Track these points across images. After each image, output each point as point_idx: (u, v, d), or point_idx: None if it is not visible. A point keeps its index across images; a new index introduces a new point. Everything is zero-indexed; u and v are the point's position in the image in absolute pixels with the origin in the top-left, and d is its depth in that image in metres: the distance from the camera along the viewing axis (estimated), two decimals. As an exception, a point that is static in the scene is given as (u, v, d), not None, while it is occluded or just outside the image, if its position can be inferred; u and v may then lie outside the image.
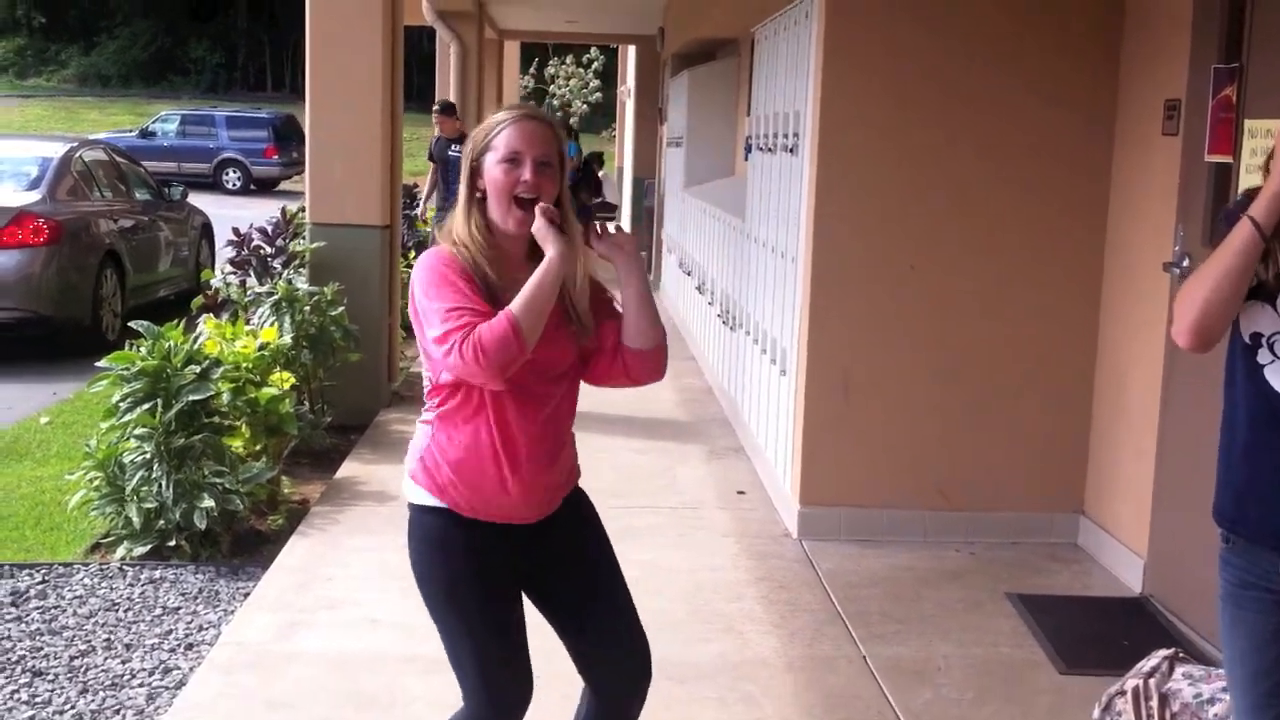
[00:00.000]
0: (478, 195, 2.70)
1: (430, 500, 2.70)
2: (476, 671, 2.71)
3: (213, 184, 26.78)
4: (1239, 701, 2.43)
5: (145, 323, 5.45)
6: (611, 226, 2.74)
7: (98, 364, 5.35)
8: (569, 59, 31.98)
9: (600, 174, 20.32)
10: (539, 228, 2.59)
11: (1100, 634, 4.58)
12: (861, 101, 5.36)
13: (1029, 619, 4.66)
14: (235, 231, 7.92)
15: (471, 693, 2.73)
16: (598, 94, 31.94)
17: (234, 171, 28.14)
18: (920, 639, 4.49)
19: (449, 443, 2.68)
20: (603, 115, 33.39)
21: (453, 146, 11.85)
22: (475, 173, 2.71)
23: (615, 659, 2.83)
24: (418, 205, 13.19)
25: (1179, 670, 3.78)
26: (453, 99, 14.78)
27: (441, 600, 2.71)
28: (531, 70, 31.09)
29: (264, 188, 27.94)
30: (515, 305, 2.51)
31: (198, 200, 13.50)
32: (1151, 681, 3.74)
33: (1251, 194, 2.31)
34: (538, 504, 2.72)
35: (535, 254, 2.65)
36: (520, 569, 2.77)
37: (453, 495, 2.68)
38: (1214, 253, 2.30)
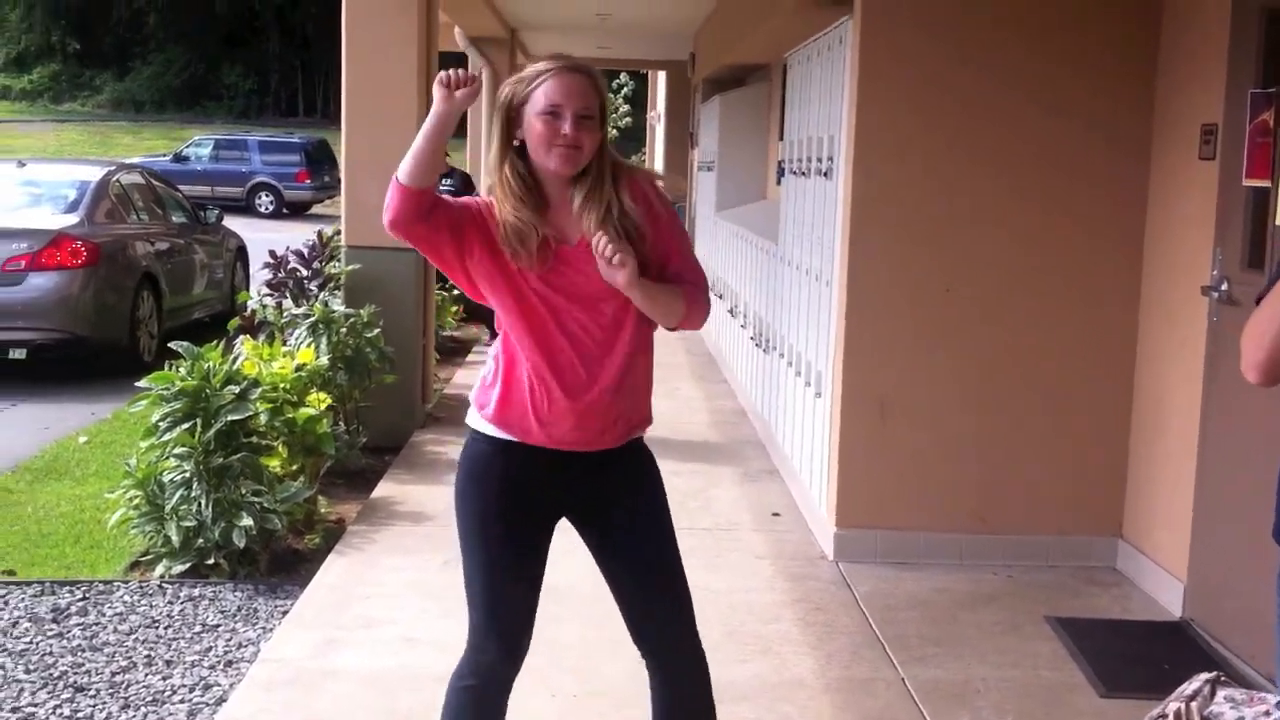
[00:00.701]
0: (515, 144, 2.76)
1: (479, 422, 2.84)
2: (485, 601, 2.84)
3: (245, 208, 26.98)
4: None
5: (185, 343, 5.50)
6: (605, 245, 2.68)
7: (137, 384, 5.40)
8: (599, 84, 32.06)
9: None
10: (440, 80, 2.69)
11: (1140, 657, 4.55)
12: (896, 126, 5.37)
13: (1068, 642, 4.64)
14: (272, 254, 7.99)
15: (476, 624, 2.87)
16: (627, 119, 31.99)
17: (266, 195, 28.34)
18: (958, 661, 4.47)
19: (500, 361, 2.81)
20: (631, 140, 33.47)
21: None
22: (513, 121, 2.75)
23: (657, 615, 2.92)
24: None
25: (1221, 694, 3.75)
26: (484, 124, 14.87)
27: (470, 527, 2.85)
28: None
29: (296, 211, 28.13)
30: (409, 157, 2.75)
31: (231, 224, 13.61)
32: (1193, 705, 3.71)
33: None
34: (577, 430, 2.78)
35: (572, 186, 2.75)
36: (565, 502, 2.88)
37: (498, 412, 2.79)
38: (1276, 288, 2.29)
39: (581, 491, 2.89)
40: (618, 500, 2.91)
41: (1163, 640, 4.74)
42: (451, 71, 2.70)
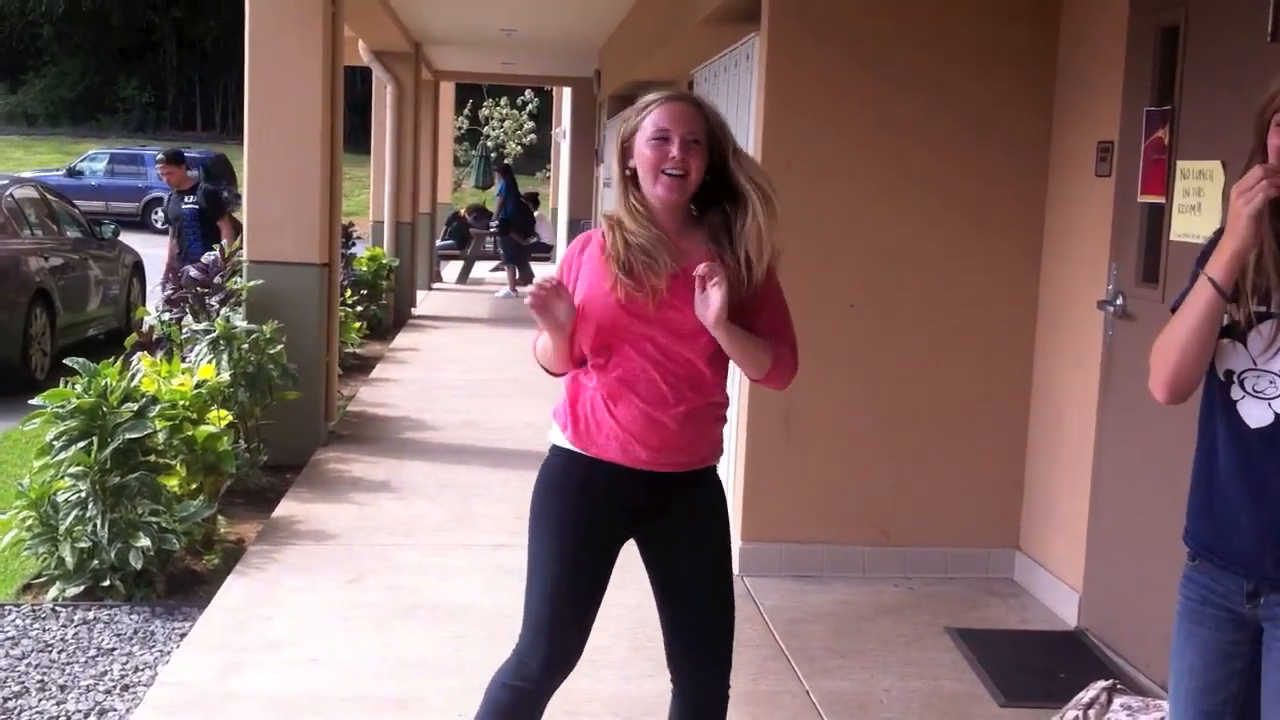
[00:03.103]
0: (628, 173, 2.89)
1: (559, 437, 2.95)
2: (541, 610, 2.90)
3: (141, 223, 26.49)
4: (1182, 716, 2.49)
5: (81, 360, 5.38)
6: (707, 270, 2.76)
7: (31, 401, 5.27)
8: (503, 100, 32.06)
9: (536, 214, 20.39)
10: (528, 302, 2.79)
11: (1038, 666, 4.63)
12: (802, 142, 5.43)
13: (968, 652, 4.71)
14: (170, 270, 7.85)
15: (527, 631, 2.92)
16: (532, 135, 32.00)
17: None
18: (862, 673, 4.51)
19: (580, 382, 2.92)
20: (536, 157, 33.49)
21: (185, 199, 10.17)
22: (626, 153, 2.90)
23: (692, 669, 3.00)
24: (354, 244, 13.10)
25: (1117, 701, 3.84)
26: (389, 139, 14.78)
27: (543, 537, 2.92)
28: (466, 111, 31.13)
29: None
30: (540, 345, 2.95)
31: (127, 240, 13.35)
32: (1091, 712, 3.79)
33: (1219, 236, 2.36)
34: (650, 450, 2.85)
35: (689, 222, 2.91)
36: (634, 522, 2.95)
37: (575, 432, 2.90)
38: (1180, 310, 2.36)
39: (650, 513, 2.94)
40: (682, 525, 2.96)
41: (1060, 649, 4.83)
42: (536, 290, 2.79)
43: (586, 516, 2.91)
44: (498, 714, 2.95)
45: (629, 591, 5.23)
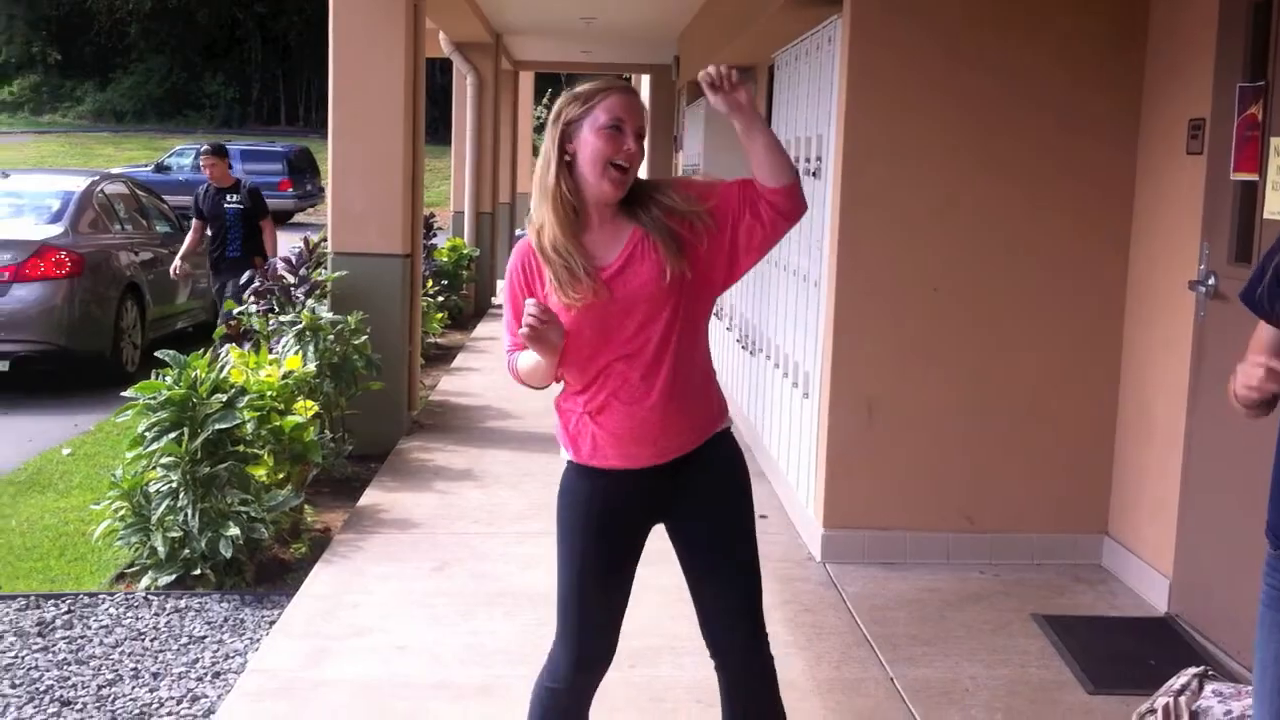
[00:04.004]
0: (566, 159, 2.78)
1: (565, 454, 2.96)
2: (571, 614, 2.93)
3: (228, 217, 26.83)
4: (1262, 707, 2.43)
5: (172, 352, 5.47)
6: (724, 68, 2.70)
7: (123, 393, 5.37)
8: (582, 89, 32.05)
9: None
10: (522, 333, 2.70)
11: (1127, 653, 4.56)
12: (885, 125, 5.37)
13: (1055, 639, 4.64)
14: (258, 262, 7.97)
15: (560, 634, 2.96)
16: (611, 123, 31.97)
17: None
18: (947, 660, 4.47)
19: (565, 406, 2.93)
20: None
21: (228, 197, 9.84)
22: (566, 137, 2.78)
23: (727, 613, 2.97)
24: (435, 235, 13.17)
25: (1208, 688, 3.77)
26: (469, 130, 14.86)
27: (566, 547, 2.94)
28: (545, 101, 31.18)
29: (278, 220, 27.87)
30: (519, 365, 2.89)
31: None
32: (1181, 699, 3.72)
33: None
34: (649, 446, 2.85)
35: (621, 211, 2.81)
36: (654, 510, 2.96)
37: (577, 452, 2.91)
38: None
39: (668, 495, 2.94)
40: (699, 494, 2.95)
41: (1149, 636, 4.75)
42: (529, 315, 2.68)
43: (603, 524, 2.92)
44: (543, 715, 3.01)
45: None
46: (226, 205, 9.79)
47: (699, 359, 2.91)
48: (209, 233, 10.00)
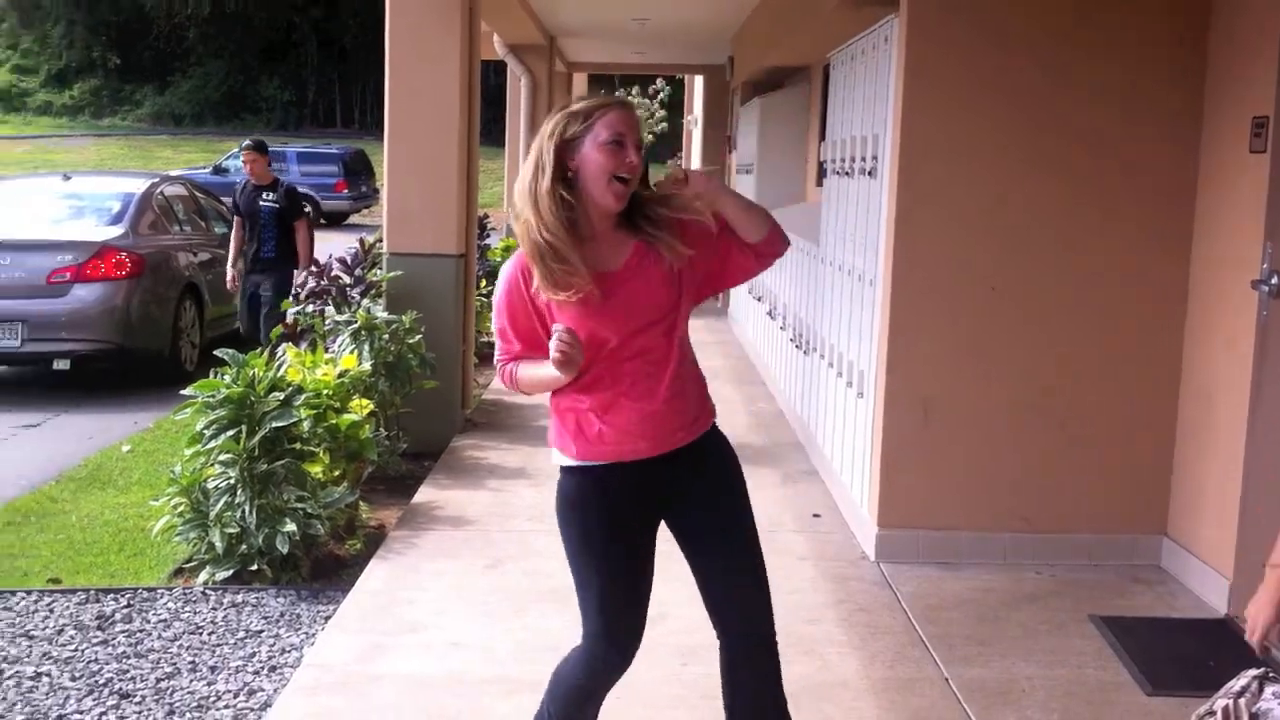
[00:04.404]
0: (568, 175, 2.88)
1: (563, 459, 3.04)
2: (599, 611, 3.02)
3: (284, 218, 27.05)
4: None
5: (230, 351, 5.53)
6: (692, 171, 2.96)
7: (183, 391, 5.43)
8: (635, 89, 32.13)
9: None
10: (555, 358, 2.78)
11: (1186, 655, 4.50)
12: (943, 124, 5.34)
13: (1113, 640, 4.59)
14: (315, 262, 8.03)
15: (591, 632, 3.05)
16: (664, 124, 32.02)
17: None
18: (1003, 661, 4.43)
19: (564, 405, 3.01)
20: (667, 145, 33.45)
21: (264, 195, 9.71)
22: (565, 152, 2.87)
23: (729, 612, 3.07)
24: (488, 235, 13.21)
25: (1269, 690, 3.70)
26: (522, 131, 14.90)
27: (576, 548, 3.04)
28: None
29: (333, 221, 28.26)
30: (522, 376, 2.99)
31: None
32: (1241, 701, 3.66)
33: None
34: (649, 440, 2.97)
35: (622, 224, 2.95)
36: (655, 502, 3.05)
37: (579, 450, 2.98)
38: None
39: (666, 488, 3.05)
40: (696, 482, 3.06)
41: (1209, 637, 4.69)
42: (561, 341, 2.79)
43: (613, 522, 3.01)
44: (568, 703, 3.13)
45: (769, 578, 5.23)
46: (262, 204, 9.67)
47: (691, 356, 3.08)
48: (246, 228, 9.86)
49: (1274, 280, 4.62)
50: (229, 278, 10.00)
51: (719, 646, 3.12)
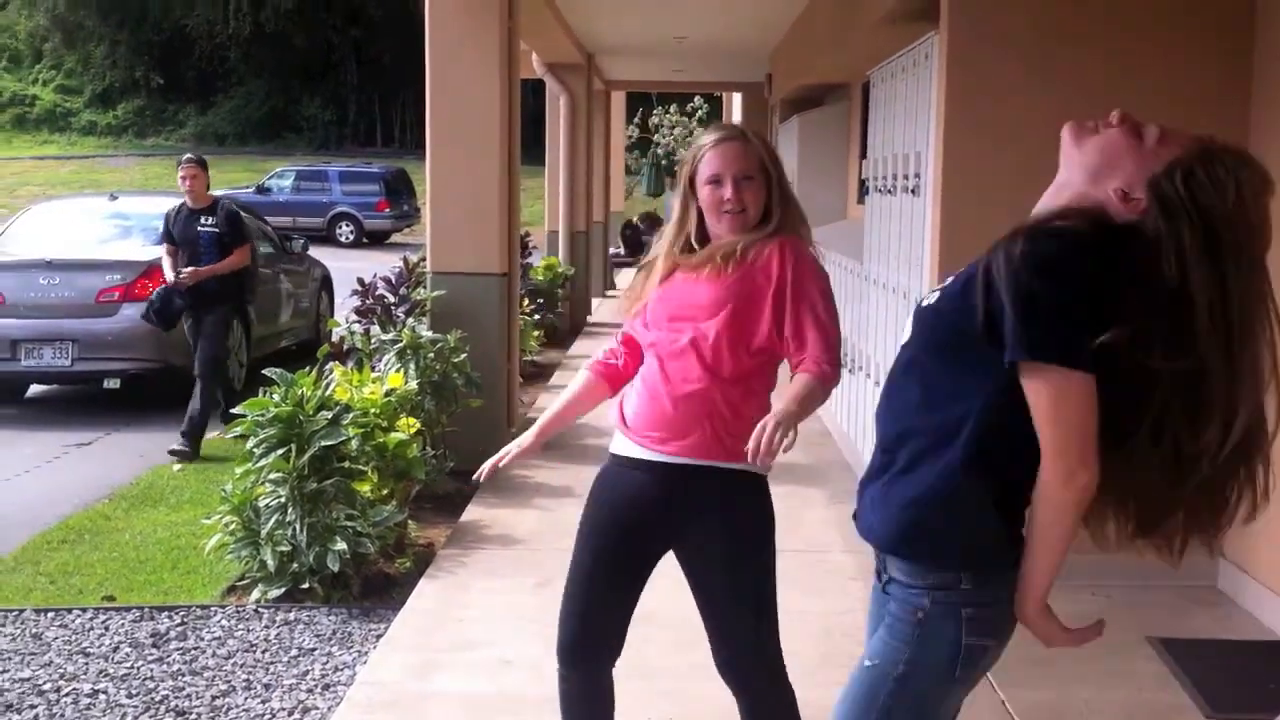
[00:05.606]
0: (697, 203, 3.05)
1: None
2: (566, 605, 3.11)
3: (326, 238, 27.32)
4: None
5: (279, 370, 5.56)
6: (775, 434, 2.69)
7: (232, 410, 5.47)
8: (673, 107, 32.20)
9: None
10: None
11: (1246, 677, 4.45)
12: (985, 142, 5.32)
13: (1171, 663, 4.55)
14: (360, 281, 8.09)
15: (560, 620, 3.12)
16: (702, 142, 32.01)
17: (347, 225, 28.70)
18: (1060, 683, 4.40)
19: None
20: (707, 163, 33.43)
21: (202, 219, 8.66)
22: (692, 186, 3.06)
23: (726, 644, 3.08)
24: (530, 254, 13.24)
25: (1334, 715, 3.67)
26: (562, 150, 14.96)
27: (578, 533, 3.13)
28: (636, 120, 31.32)
29: (375, 240, 28.48)
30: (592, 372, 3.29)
31: (315, 253, 13.80)
32: (1306, 726, 3.63)
33: None
34: (643, 432, 3.01)
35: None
36: (660, 527, 3.03)
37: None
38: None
39: (660, 519, 3.02)
40: (696, 528, 3.01)
41: (1268, 660, 4.64)
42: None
43: (611, 519, 3.06)
44: (560, 701, 3.20)
45: (819, 598, 5.21)
46: (200, 229, 8.63)
47: (735, 393, 2.95)
48: (182, 257, 8.68)
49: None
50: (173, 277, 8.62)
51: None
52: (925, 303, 2.31)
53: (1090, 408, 2.10)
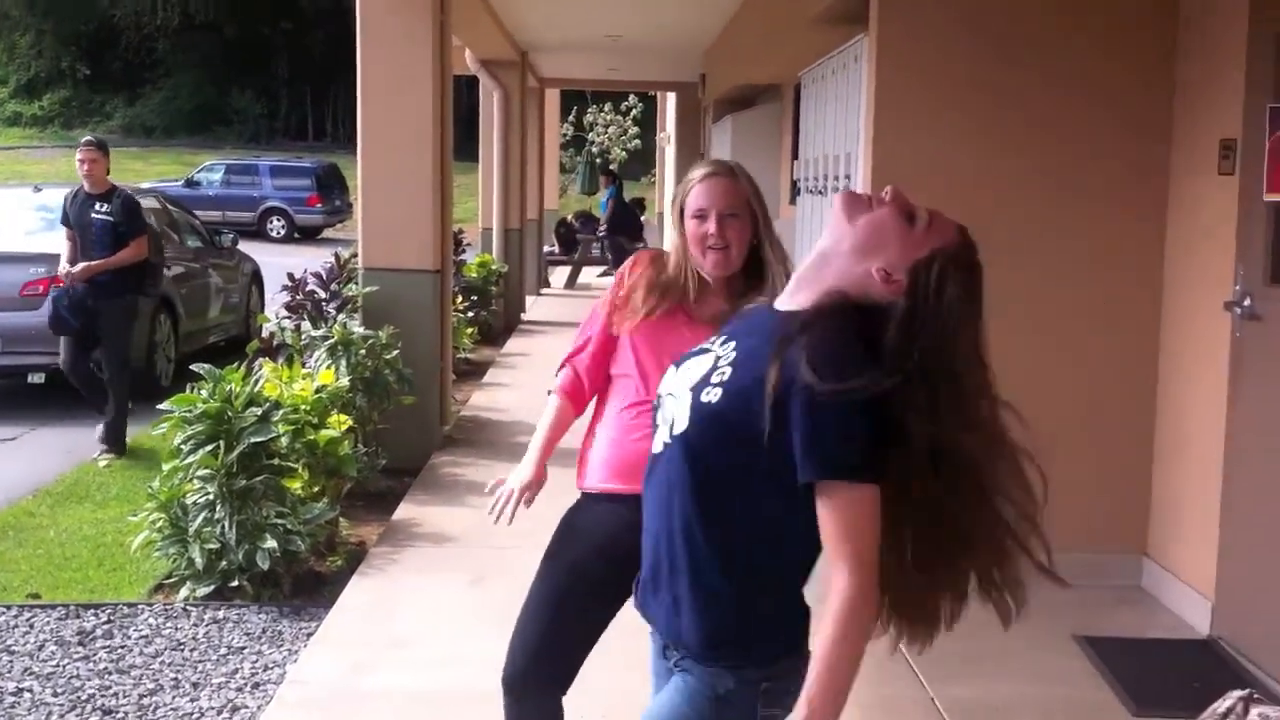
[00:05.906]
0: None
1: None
2: (524, 634, 3.08)
3: (256, 232, 27.00)
4: None
5: (207, 366, 5.50)
6: None
7: (159, 406, 5.41)
8: (607, 106, 32.22)
9: (642, 218, 20.49)
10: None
11: (1170, 676, 4.53)
12: (914, 144, 5.37)
13: (1097, 661, 4.62)
14: (290, 277, 8.01)
15: (510, 649, 3.10)
16: (636, 140, 32.11)
17: (278, 220, 28.40)
18: (988, 680, 4.45)
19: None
20: (640, 162, 33.56)
21: (97, 205, 8.05)
22: (683, 219, 3.00)
23: None
24: (463, 251, 13.18)
25: (1254, 711, 3.73)
26: (496, 147, 14.90)
27: (549, 559, 3.16)
28: (570, 118, 31.30)
29: (307, 236, 28.19)
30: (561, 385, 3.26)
31: (243, 249, 13.65)
32: (1227, 722, 3.70)
33: None
34: (613, 474, 3.08)
35: (732, 291, 2.97)
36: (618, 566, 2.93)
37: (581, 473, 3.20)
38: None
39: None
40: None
41: (1192, 658, 4.72)
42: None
43: (575, 545, 3.13)
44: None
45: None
46: (95, 215, 8.03)
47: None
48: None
49: (1246, 302, 4.68)
50: (65, 273, 8.11)
51: None
52: (705, 397, 2.25)
53: (877, 517, 2.12)
